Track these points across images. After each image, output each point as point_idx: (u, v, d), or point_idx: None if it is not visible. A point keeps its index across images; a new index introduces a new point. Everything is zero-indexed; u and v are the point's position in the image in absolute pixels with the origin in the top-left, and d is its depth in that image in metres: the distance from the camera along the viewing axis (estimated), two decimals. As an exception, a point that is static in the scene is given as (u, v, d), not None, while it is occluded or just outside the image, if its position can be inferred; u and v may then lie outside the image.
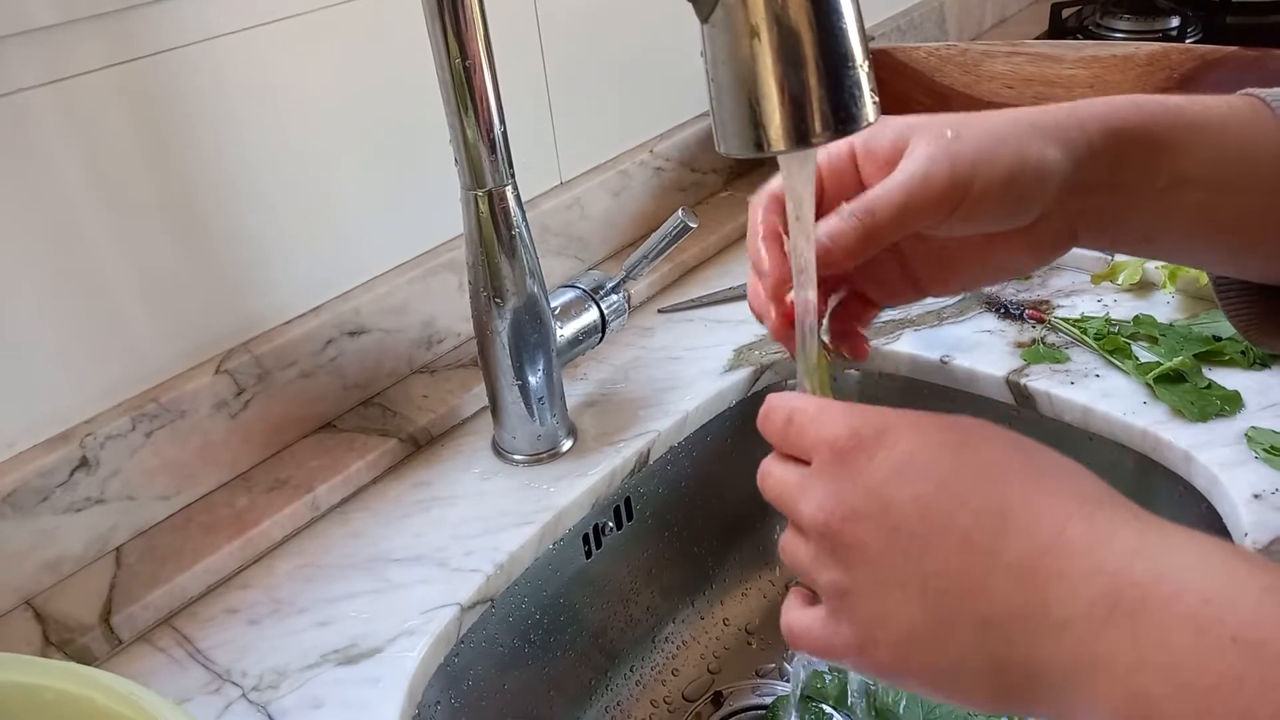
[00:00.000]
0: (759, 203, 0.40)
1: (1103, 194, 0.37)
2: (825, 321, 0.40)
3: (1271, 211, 0.37)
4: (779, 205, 0.39)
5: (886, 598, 0.30)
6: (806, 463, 0.33)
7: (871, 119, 0.32)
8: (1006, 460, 0.30)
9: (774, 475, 0.35)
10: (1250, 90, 0.38)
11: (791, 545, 0.34)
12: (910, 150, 0.36)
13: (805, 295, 0.36)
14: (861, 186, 0.37)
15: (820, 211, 0.36)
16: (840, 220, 0.35)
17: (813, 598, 0.34)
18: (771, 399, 0.36)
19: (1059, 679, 0.27)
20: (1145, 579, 0.26)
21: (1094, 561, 0.27)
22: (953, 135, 0.35)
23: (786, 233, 0.37)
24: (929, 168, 0.34)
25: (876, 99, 0.32)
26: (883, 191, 0.35)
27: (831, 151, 0.38)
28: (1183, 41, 1.16)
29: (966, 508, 0.29)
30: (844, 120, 0.32)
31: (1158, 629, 0.25)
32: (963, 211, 0.35)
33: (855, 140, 0.38)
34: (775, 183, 0.39)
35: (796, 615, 0.34)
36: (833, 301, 0.42)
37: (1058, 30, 1.28)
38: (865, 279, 0.41)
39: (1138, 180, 0.37)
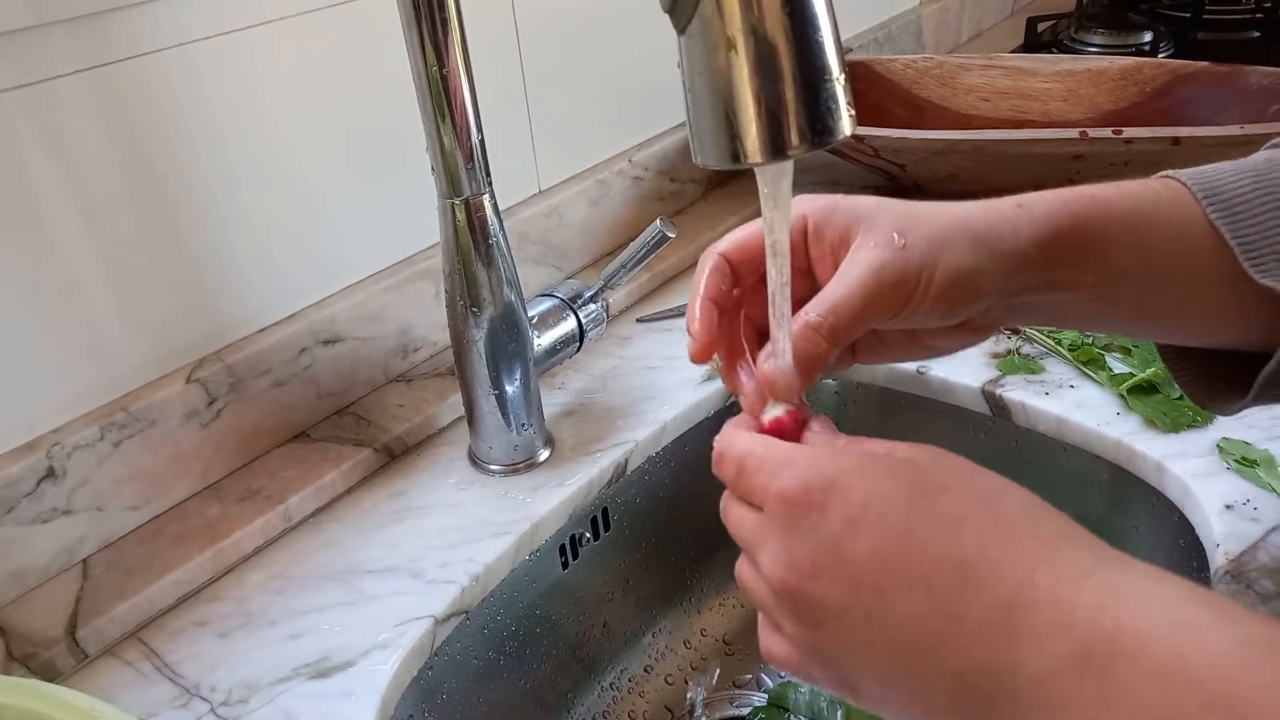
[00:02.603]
0: (706, 262, 0.40)
1: (1036, 294, 0.38)
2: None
3: (1203, 297, 0.38)
4: (724, 269, 0.40)
5: (851, 650, 0.30)
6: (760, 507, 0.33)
7: (847, 131, 0.32)
8: (963, 507, 0.30)
9: (731, 515, 0.35)
10: (1170, 173, 0.39)
11: (750, 582, 0.34)
12: (859, 247, 0.37)
13: (781, 310, 0.35)
14: (806, 260, 0.39)
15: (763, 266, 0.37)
16: (808, 322, 0.36)
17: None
18: (722, 438, 0.35)
19: None
20: (1114, 633, 0.25)
21: (1062, 615, 0.26)
22: (900, 241, 0.36)
23: (730, 295, 0.39)
24: (880, 276, 0.36)
25: (853, 111, 0.32)
26: (844, 293, 0.36)
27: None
28: (1155, 56, 1.18)
29: (927, 559, 0.29)
30: (820, 132, 0.32)
31: (1129, 687, 0.25)
32: (902, 316, 0.36)
33: (808, 217, 0.39)
34: (724, 243, 0.41)
35: (774, 642, 0.33)
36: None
37: (1033, 44, 1.30)
38: None
39: (1069, 281, 0.38)
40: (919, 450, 0.32)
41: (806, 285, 0.39)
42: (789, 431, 0.36)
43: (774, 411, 0.37)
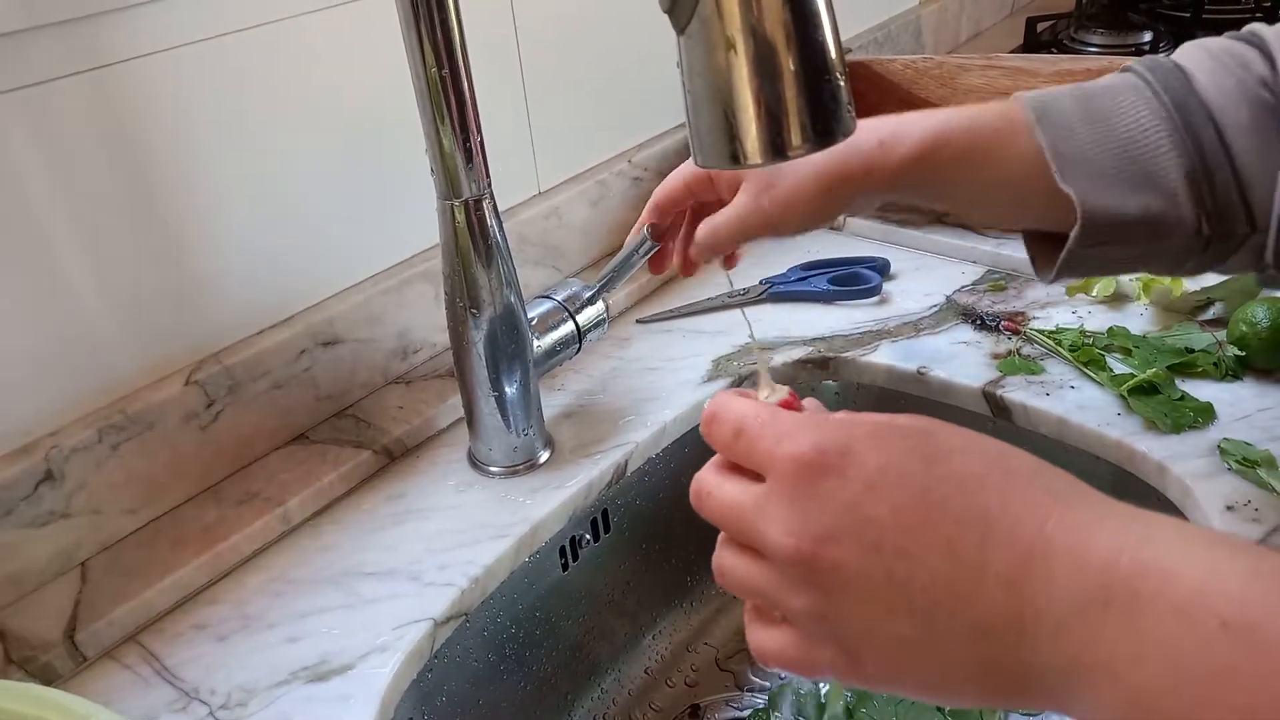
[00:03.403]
0: (666, 187, 0.57)
1: (889, 208, 0.50)
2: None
3: (1026, 207, 0.47)
4: (670, 205, 0.58)
5: (870, 615, 0.29)
6: (756, 477, 0.32)
7: (849, 131, 0.32)
8: (978, 466, 0.30)
9: (721, 494, 0.33)
10: (1020, 94, 0.46)
11: (740, 569, 0.32)
12: (741, 192, 0.51)
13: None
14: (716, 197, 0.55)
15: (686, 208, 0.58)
16: (699, 236, 0.53)
17: (774, 614, 0.33)
18: (716, 402, 0.34)
19: (1056, 679, 0.27)
20: (1132, 573, 0.26)
21: (1079, 560, 0.27)
22: (763, 199, 0.49)
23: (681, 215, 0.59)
24: (745, 221, 0.50)
25: (853, 111, 0.32)
26: (721, 221, 0.51)
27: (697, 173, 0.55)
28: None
29: (948, 518, 0.29)
30: (821, 133, 0.31)
31: (1151, 623, 0.25)
32: (776, 231, 0.51)
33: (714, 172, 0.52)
34: (648, 212, 0.59)
35: (766, 637, 0.33)
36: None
37: (1033, 44, 1.29)
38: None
39: (914, 204, 0.51)
40: (921, 419, 0.32)
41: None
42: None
43: (771, 397, 0.36)
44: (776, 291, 0.80)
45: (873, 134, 0.47)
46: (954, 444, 0.31)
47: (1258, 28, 0.44)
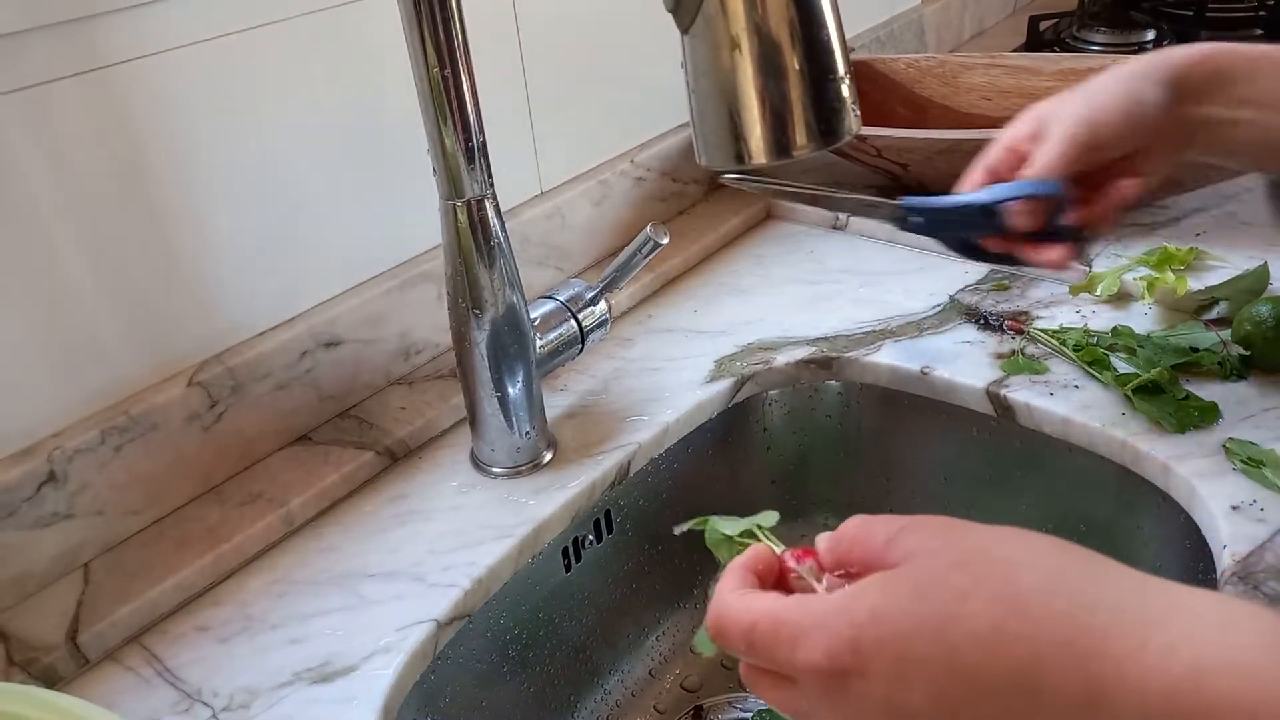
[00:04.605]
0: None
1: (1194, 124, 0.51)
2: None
3: None
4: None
5: None
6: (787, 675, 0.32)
7: (854, 130, 0.32)
8: (993, 615, 0.28)
9: (763, 686, 0.33)
10: None
11: (794, 711, 0.32)
12: (1049, 132, 0.52)
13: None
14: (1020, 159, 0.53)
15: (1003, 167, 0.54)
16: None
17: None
18: (716, 611, 0.33)
19: None
20: (1200, 711, 0.26)
21: (1137, 703, 0.26)
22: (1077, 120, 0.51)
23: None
24: (1068, 145, 0.51)
25: (858, 110, 0.32)
26: (1050, 150, 0.51)
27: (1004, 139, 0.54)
28: (1158, 55, 1.17)
29: (986, 691, 0.28)
30: (826, 132, 0.31)
31: None
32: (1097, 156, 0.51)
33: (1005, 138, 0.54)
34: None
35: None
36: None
37: (1035, 43, 1.29)
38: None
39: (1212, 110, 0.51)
40: (908, 547, 0.30)
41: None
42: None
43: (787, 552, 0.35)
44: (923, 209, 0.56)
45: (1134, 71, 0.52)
46: (958, 586, 0.29)
47: None
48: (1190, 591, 0.28)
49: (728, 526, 0.36)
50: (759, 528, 0.36)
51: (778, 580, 0.34)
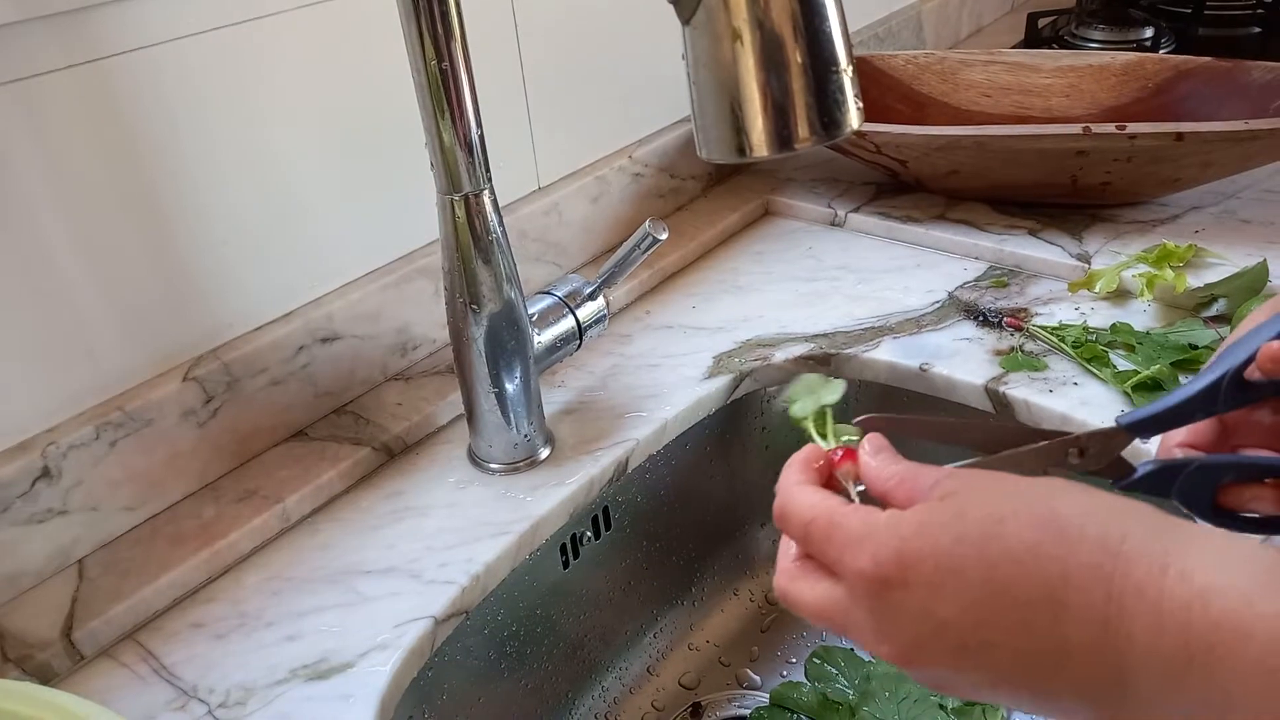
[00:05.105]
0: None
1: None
2: None
3: None
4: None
5: (966, 691, 0.32)
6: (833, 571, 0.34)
7: (855, 124, 0.32)
8: (1030, 535, 0.31)
9: (804, 599, 0.35)
10: None
11: (831, 612, 0.34)
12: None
13: None
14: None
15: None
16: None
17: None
18: (781, 500, 0.36)
19: None
20: (1206, 631, 0.27)
21: (1154, 625, 0.28)
22: None
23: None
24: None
25: (860, 104, 0.32)
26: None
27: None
28: (1156, 52, 1.17)
29: (1017, 603, 0.30)
30: (828, 125, 0.31)
31: (1233, 679, 0.26)
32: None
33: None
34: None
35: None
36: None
37: (1034, 40, 1.29)
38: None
39: None
40: (953, 483, 0.33)
41: None
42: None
43: (832, 443, 0.38)
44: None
45: None
46: (1000, 512, 0.31)
47: None
48: (1208, 532, 0.30)
49: (808, 403, 0.39)
50: (827, 409, 0.39)
51: (829, 477, 0.37)
